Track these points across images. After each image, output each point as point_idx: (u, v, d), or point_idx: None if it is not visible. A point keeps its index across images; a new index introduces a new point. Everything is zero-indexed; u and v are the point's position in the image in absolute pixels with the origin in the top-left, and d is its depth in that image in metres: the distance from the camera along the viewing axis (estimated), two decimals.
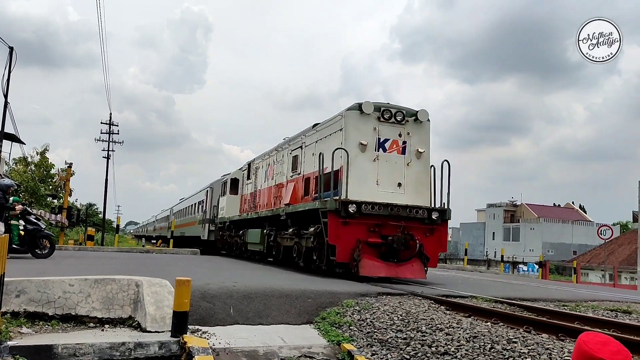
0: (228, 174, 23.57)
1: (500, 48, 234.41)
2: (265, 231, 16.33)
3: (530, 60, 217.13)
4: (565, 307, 8.92)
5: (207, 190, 28.12)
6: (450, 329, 6.17)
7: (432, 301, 8.39)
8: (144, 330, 5.74)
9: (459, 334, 5.94)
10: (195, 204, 31.77)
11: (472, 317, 7.15)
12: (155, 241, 53.22)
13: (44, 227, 13.17)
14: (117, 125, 43.83)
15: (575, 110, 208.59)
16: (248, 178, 20.46)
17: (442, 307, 7.96)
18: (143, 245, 45.73)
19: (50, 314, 5.91)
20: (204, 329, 6.13)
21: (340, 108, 15.69)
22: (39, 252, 12.67)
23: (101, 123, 43.50)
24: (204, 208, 28.20)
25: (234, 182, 22.27)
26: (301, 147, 14.37)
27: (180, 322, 5.51)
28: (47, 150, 35.92)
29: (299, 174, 14.39)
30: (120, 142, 44.40)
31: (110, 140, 43.06)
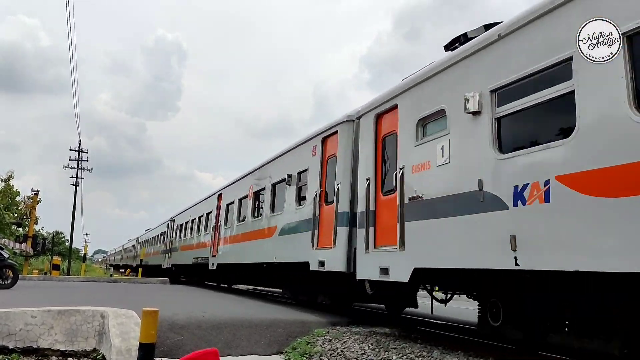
0: None
1: None
2: None
3: None
4: None
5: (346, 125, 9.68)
6: (420, 359, 6.18)
7: (403, 330, 8.39)
8: None
9: None
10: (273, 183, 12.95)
11: (443, 346, 7.16)
12: (123, 270, 51.96)
13: (7, 256, 12.83)
14: (87, 152, 43.37)
15: None
16: None
17: (413, 335, 7.97)
18: (111, 275, 44.61)
19: (10, 347, 5.71)
20: None
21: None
22: (1, 282, 12.29)
23: (70, 150, 42.93)
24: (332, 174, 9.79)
25: None
26: None
27: (146, 354, 5.36)
28: (12, 177, 35.06)
29: None
30: (89, 169, 43.81)
31: (79, 167, 42.43)
